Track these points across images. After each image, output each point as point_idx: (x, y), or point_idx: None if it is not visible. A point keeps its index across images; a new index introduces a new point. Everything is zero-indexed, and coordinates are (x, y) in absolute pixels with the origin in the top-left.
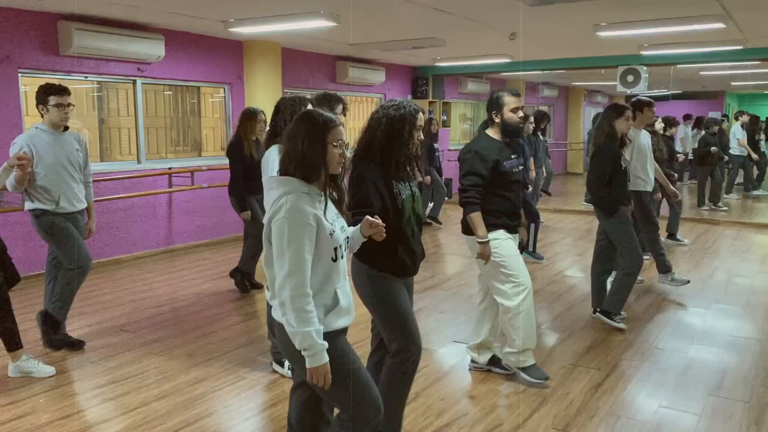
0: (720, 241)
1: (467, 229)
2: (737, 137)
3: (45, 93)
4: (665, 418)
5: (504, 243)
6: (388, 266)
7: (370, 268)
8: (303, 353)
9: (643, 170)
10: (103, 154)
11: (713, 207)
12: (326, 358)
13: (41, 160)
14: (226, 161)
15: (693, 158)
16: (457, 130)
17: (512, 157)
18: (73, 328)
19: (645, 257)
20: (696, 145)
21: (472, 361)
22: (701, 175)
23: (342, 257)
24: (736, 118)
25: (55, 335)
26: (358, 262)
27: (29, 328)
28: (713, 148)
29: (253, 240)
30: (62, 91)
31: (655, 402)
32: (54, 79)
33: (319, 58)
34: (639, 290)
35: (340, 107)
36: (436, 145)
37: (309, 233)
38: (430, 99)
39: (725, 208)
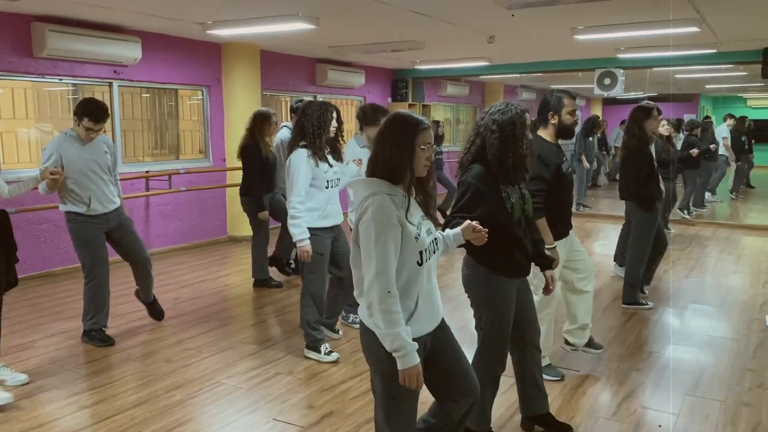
0: (696, 241)
1: None
2: (722, 136)
3: (83, 112)
4: (643, 418)
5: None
6: (506, 269)
7: (487, 270)
8: (394, 354)
9: None
10: None
11: (684, 215)
12: (417, 359)
13: (70, 165)
14: (204, 164)
15: (678, 161)
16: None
17: (564, 159)
18: (49, 334)
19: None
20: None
21: (567, 343)
22: (690, 178)
23: (428, 260)
24: (725, 120)
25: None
26: (474, 263)
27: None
28: (712, 146)
29: (259, 242)
30: (98, 119)
31: (633, 402)
32: (27, 81)
33: (299, 61)
34: (617, 292)
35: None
36: (437, 148)
37: (394, 234)
38: (410, 102)
39: (688, 216)
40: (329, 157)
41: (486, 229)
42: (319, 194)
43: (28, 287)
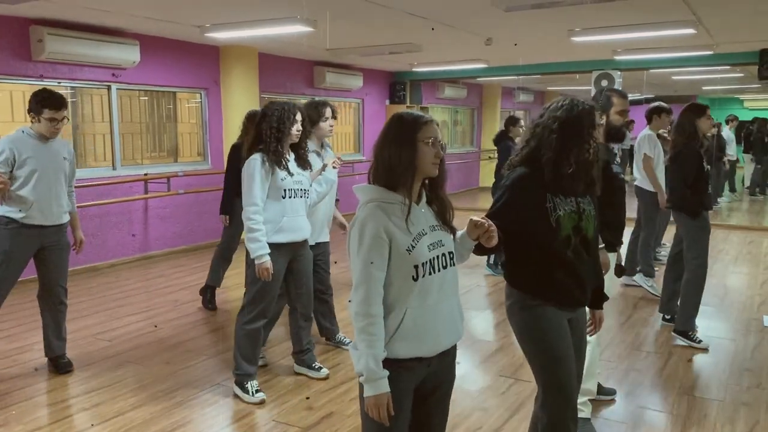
0: None
1: None
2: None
3: (39, 104)
4: (642, 417)
5: None
6: (543, 292)
7: (521, 294)
8: (360, 378)
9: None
10: (77, 160)
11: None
12: (385, 388)
13: (23, 165)
14: (203, 167)
15: None
16: None
17: (615, 161)
18: None
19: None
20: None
21: None
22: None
23: (429, 274)
24: (727, 123)
25: None
26: (509, 288)
27: None
28: (730, 155)
29: (223, 246)
30: (59, 105)
31: (632, 402)
32: (26, 84)
33: (297, 63)
34: (616, 292)
35: (328, 110)
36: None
37: (378, 247)
38: (408, 104)
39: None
40: (290, 165)
41: (490, 222)
42: (274, 205)
43: (27, 290)
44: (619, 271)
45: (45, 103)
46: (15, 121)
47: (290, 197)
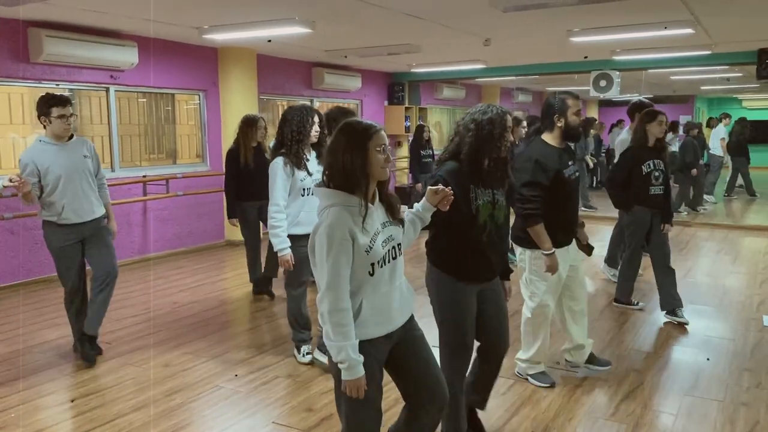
0: (693, 242)
1: (524, 241)
2: (720, 137)
3: (47, 104)
4: (642, 418)
5: (543, 263)
6: (456, 271)
7: (437, 270)
8: (339, 365)
9: None
10: None
11: (692, 210)
12: (361, 372)
13: (48, 173)
14: (201, 168)
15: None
16: (433, 135)
17: (569, 164)
18: (48, 339)
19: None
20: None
21: (568, 362)
22: (688, 179)
23: (382, 267)
24: (720, 120)
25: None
26: (429, 265)
27: None
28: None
29: (249, 248)
30: (65, 102)
31: (632, 403)
32: (24, 87)
33: (295, 65)
34: (613, 295)
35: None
36: (423, 152)
37: (345, 249)
38: (407, 105)
39: (705, 209)
40: (309, 165)
41: (449, 188)
42: (293, 202)
43: (26, 292)
44: (588, 249)
45: (51, 102)
46: (13, 123)
47: (309, 194)
